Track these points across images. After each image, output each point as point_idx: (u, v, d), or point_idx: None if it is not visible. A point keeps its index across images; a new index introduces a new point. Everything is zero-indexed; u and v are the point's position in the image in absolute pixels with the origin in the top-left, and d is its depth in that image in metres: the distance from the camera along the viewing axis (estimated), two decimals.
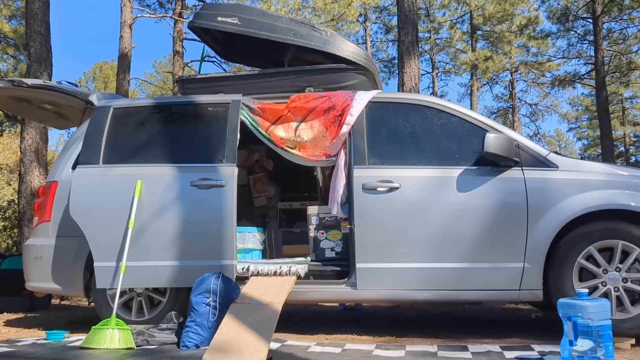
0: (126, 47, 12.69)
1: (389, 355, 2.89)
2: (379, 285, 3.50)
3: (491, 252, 3.42)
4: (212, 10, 4.19)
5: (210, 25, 4.15)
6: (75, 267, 3.88)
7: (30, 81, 4.34)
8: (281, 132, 3.83)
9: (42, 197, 4.08)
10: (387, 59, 24.96)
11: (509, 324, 4.48)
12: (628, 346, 3.13)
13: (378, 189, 3.53)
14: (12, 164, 14.04)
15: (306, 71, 3.96)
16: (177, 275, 3.58)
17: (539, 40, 20.60)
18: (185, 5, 15.66)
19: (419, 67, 8.87)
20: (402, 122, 3.74)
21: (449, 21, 23.22)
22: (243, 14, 4.05)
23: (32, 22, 8.46)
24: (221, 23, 4.07)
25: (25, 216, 8.33)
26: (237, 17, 4.04)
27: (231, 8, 4.17)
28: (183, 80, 4.32)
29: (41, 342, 3.43)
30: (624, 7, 17.20)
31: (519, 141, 3.56)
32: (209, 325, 3.17)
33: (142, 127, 3.94)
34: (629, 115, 28.60)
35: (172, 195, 3.64)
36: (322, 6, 16.10)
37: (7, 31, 16.68)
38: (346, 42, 4.05)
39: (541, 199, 3.41)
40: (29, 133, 8.38)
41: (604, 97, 16.63)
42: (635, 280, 3.30)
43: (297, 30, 4.02)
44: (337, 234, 3.96)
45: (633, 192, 3.37)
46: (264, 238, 4.29)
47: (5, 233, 13.73)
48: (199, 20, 4.20)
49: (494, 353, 2.92)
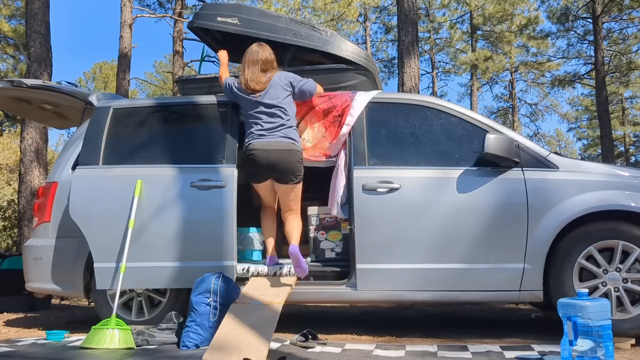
0: (126, 47, 12.69)
1: (389, 355, 2.89)
2: (379, 286, 3.50)
3: (491, 252, 3.42)
4: (212, 10, 4.18)
5: (210, 25, 4.14)
6: (75, 268, 3.87)
7: (29, 81, 4.33)
8: None
9: (42, 198, 4.08)
10: (387, 59, 24.99)
11: (509, 324, 4.48)
12: (628, 346, 3.13)
13: (378, 190, 3.53)
14: (12, 164, 14.04)
15: (306, 71, 3.95)
16: (177, 276, 3.59)
17: (538, 40, 20.62)
18: (185, 5, 15.67)
19: (418, 67, 8.87)
20: (402, 123, 3.74)
21: (448, 21, 23.25)
22: (243, 14, 4.05)
23: (32, 22, 8.46)
24: (221, 23, 4.07)
25: (25, 216, 8.33)
26: (236, 17, 4.04)
27: (231, 8, 4.17)
28: (183, 81, 4.32)
29: (41, 342, 3.43)
30: (623, 7, 17.22)
31: (519, 142, 3.56)
32: (209, 325, 3.17)
33: (142, 128, 3.94)
34: (629, 115, 28.61)
35: (172, 196, 3.64)
36: (322, 6, 16.09)
37: (6, 31, 16.69)
38: (346, 42, 4.05)
39: (541, 200, 3.41)
40: (29, 133, 8.38)
41: (604, 97, 16.64)
42: (635, 280, 3.30)
43: (297, 30, 4.01)
44: (337, 234, 3.96)
45: (633, 192, 3.37)
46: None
47: (5, 233, 13.73)
48: (198, 20, 4.19)
49: (494, 353, 2.92)
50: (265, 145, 3.51)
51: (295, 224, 3.67)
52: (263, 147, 3.52)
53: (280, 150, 3.51)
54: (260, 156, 3.51)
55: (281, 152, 3.51)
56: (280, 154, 3.50)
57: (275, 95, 3.61)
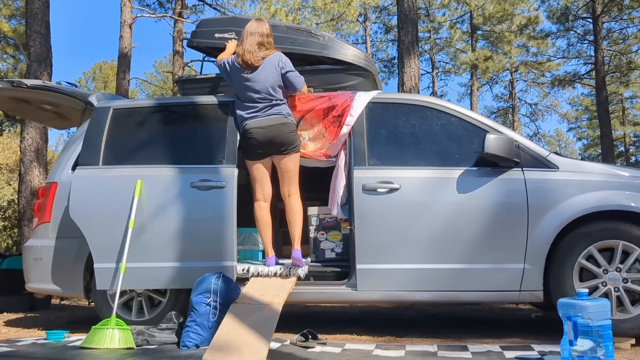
0: (126, 47, 12.69)
1: (389, 355, 2.89)
2: (380, 286, 3.50)
3: (491, 253, 3.42)
4: (209, 27, 4.18)
5: (208, 43, 4.16)
6: (75, 268, 3.87)
7: (29, 82, 4.33)
8: None
9: (42, 198, 4.08)
10: (387, 59, 24.98)
11: (509, 324, 4.48)
12: (628, 346, 3.14)
13: (378, 190, 3.53)
14: (12, 163, 14.04)
15: (306, 72, 3.95)
16: (177, 277, 3.58)
17: (538, 40, 20.62)
18: (185, 5, 15.68)
19: (418, 67, 8.88)
20: (402, 123, 3.74)
21: (448, 21, 23.24)
22: (239, 27, 4.05)
23: (32, 22, 8.45)
24: (219, 39, 4.08)
25: (25, 216, 8.33)
26: (234, 31, 4.04)
27: (227, 22, 4.19)
28: (183, 81, 4.32)
29: (41, 342, 3.43)
30: (623, 6, 17.22)
31: (519, 142, 3.56)
32: (209, 325, 3.17)
33: (141, 128, 3.94)
34: (629, 115, 28.62)
35: (172, 197, 3.64)
36: (322, 6, 16.10)
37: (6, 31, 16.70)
38: (345, 46, 4.05)
39: (541, 200, 3.41)
40: (29, 133, 8.38)
41: (604, 97, 16.64)
42: (635, 280, 3.30)
43: (294, 38, 4.02)
44: (337, 234, 3.96)
45: (633, 192, 3.37)
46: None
47: (5, 233, 13.74)
48: (197, 39, 4.20)
49: (494, 353, 2.92)
50: (260, 123, 3.65)
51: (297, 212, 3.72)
52: (259, 124, 3.65)
53: (275, 125, 3.64)
54: (258, 133, 3.64)
55: (276, 126, 3.64)
56: (275, 128, 3.64)
57: (266, 76, 3.67)
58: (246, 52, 3.69)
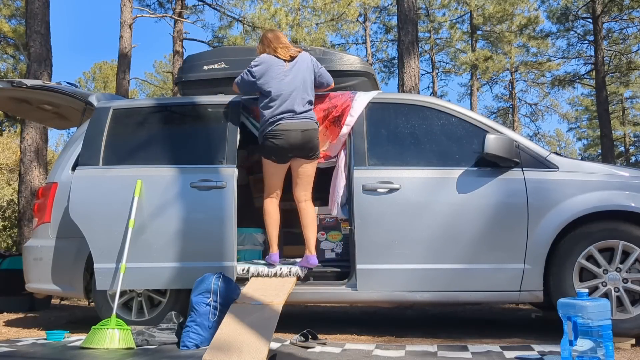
0: (126, 47, 12.69)
1: (389, 355, 2.89)
2: (380, 286, 3.50)
3: (491, 253, 3.42)
4: (196, 61, 4.16)
5: (198, 76, 4.12)
6: (75, 269, 3.87)
7: (29, 82, 4.33)
8: None
9: (41, 199, 4.08)
10: (387, 59, 24.98)
11: (509, 324, 4.48)
12: (628, 346, 3.13)
13: (378, 190, 3.53)
14: (12, 164, 14.03)
15: None
16: (177, 277, 3.58)
17: (538, 40, 20.62)
18: (185, 5, 15.67)
19: (418, 67, 8.88)
20: (402, 123, 3.74)
21: (448, 21, 23.24)
22: (228, 56, 4.04)
23: (32, 22, 8.45)
24: (209, 71, 4.06)
25: (25, 216, 8.32)
26: (222, 61, 4.04)
27: (215, 54, 4.20)
28: (183, 81, 4.32)
29: (41, 342, 3.43)
30: (623, 7, 17.22)
31: (519, 142, 3.56)
32: (209, 325, 3.17)
33: (141, 128, 3.94)
34: (629, 115, 28.63)
35: (172, 197, 3.64)
36: (322, 6, 16.09)
37: (6, 31, 16.70)
38: (341, 55, 4.07)
39: (541, 200, 3.41)
40: (29, 133, 8.38)
41: (604, 97, 16.64)
42: (635, 280, 3.30)
43: None
44: (337, 235, 3.97)
45: (633, 192, 3.37)
46: (264, 239, 4.29)
47: (5, 233, 13.74)
48: (186, 74, 4.17)
49: (494, 353, 2.92)
50: (298, 126, 3.58)
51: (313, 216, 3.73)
52: (296, 127, 3.58)
53: (310, 130, 3.61)
54: (292, 136, 3.57)
55: (310, 132, 3.62)
56: (310, 133, 3.61)
57: (304, 72, 3.68)
58: (282, 46, 3.71)
